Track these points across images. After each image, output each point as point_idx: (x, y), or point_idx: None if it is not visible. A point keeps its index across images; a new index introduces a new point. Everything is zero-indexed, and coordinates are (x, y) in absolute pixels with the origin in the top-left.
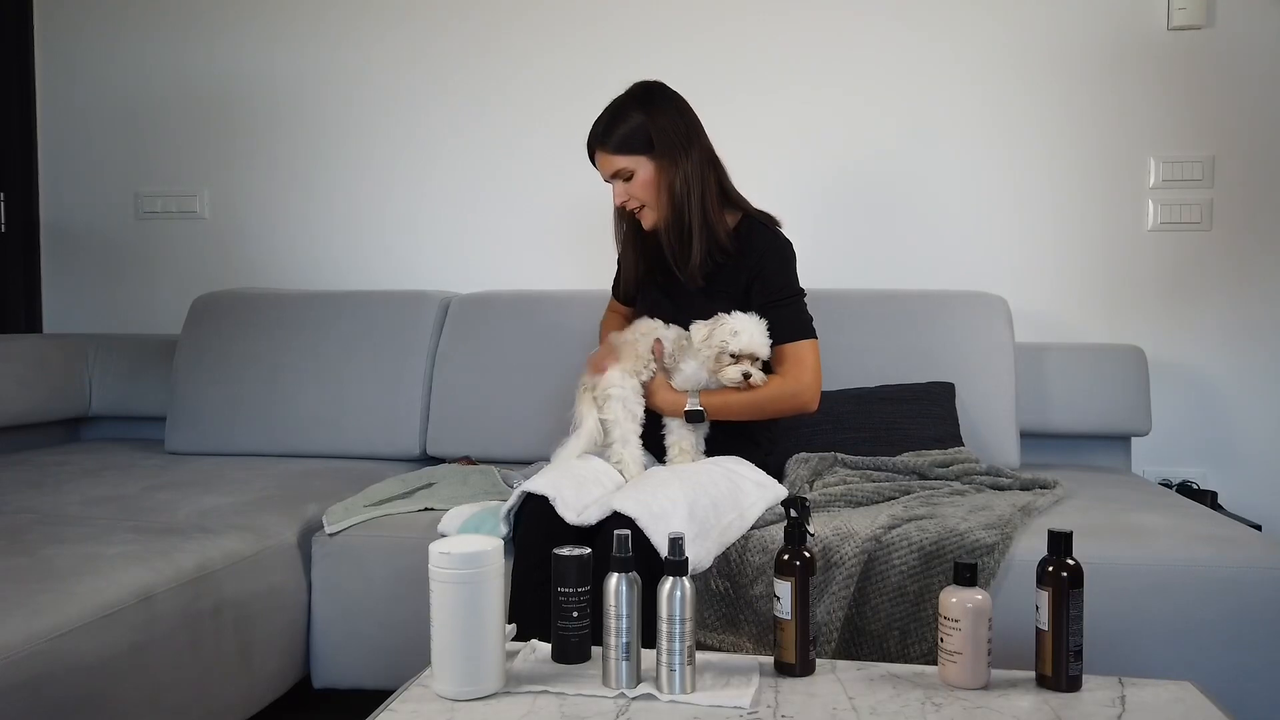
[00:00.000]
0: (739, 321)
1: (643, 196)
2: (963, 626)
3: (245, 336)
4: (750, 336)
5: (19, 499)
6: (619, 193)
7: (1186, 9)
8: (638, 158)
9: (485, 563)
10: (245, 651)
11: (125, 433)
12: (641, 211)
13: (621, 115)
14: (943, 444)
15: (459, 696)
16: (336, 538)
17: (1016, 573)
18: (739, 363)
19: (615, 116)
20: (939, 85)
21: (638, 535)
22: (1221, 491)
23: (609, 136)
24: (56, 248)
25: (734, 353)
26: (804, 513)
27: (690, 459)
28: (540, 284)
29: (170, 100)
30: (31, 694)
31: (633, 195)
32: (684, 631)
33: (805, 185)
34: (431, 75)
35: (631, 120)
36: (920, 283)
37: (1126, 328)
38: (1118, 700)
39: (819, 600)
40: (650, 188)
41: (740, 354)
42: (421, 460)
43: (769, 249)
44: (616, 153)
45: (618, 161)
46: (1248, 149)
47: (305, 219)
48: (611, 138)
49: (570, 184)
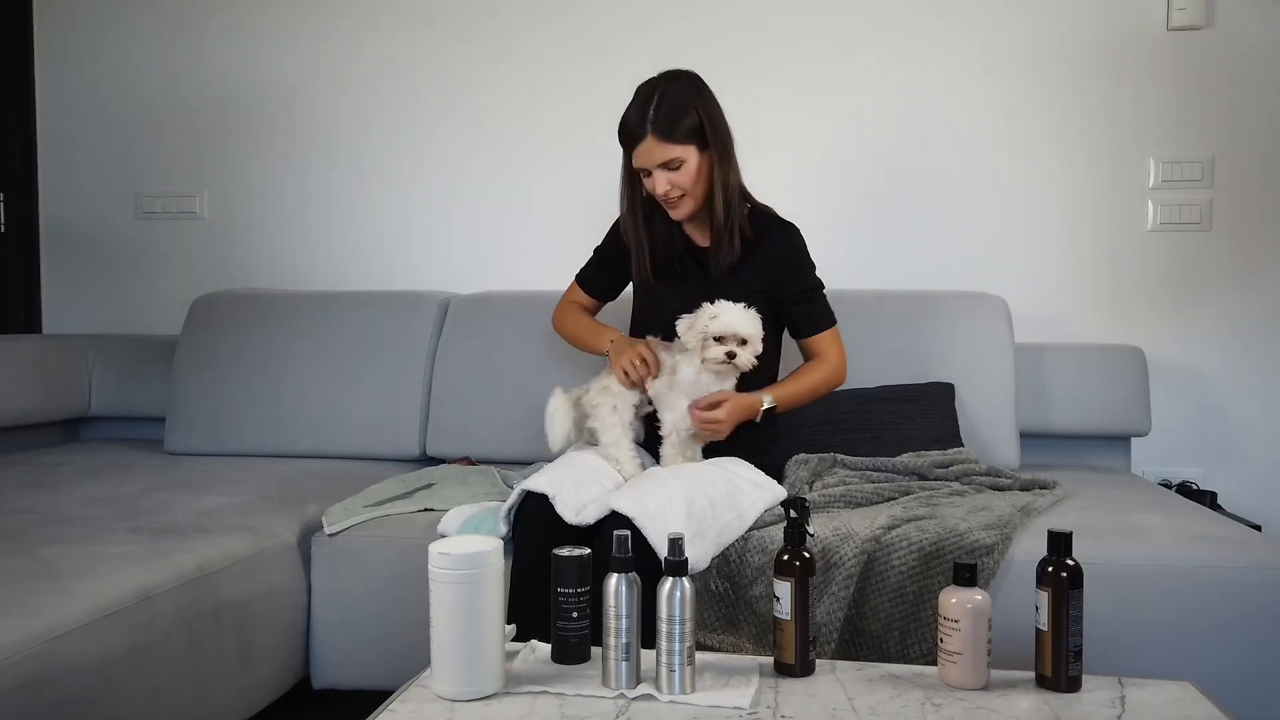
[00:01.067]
0: (718, 306)
1: (686, 186)
2: (962, 627)
3: (245, 336)
4: (730, 317)
5: (19, 499)
6: (662, 182)
7: (1186, 9)
8: (688, 147)
9: (485, 563)
10: (245, 652)
11: (125, 433)
12: (680, 200)
13: (678, 105)
14: (942, 444)
15: (459, 697)
16: (336, 538)
17: (1016, 573)
18: (723, 343)
19: (672, 105)
20: (938, 86)
21: (635, 534)
22: (1221, 492)
23: (666, 125)
24: (56, 248)
25: (716, 335)
26: (804, 513)
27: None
28: (540, 284)
29: (170, 100)
30: (31, 695)
31: (676, 184)
32: (684, 632)
33: (805, 186)
34: (431, 76)
35: (688, 110)
36: (920, 283)
37: (1126, 328)
38: (1117, 700)
39: (819, 601)
40: (695, 178)
41: (723, 336)
42: (421, 460)
43: (785, 243)
44: (671, 141)
45: (671, 150)
46: (1248, 149)
47: (305, 219)
48: (667, 126)
49: (570, 184)
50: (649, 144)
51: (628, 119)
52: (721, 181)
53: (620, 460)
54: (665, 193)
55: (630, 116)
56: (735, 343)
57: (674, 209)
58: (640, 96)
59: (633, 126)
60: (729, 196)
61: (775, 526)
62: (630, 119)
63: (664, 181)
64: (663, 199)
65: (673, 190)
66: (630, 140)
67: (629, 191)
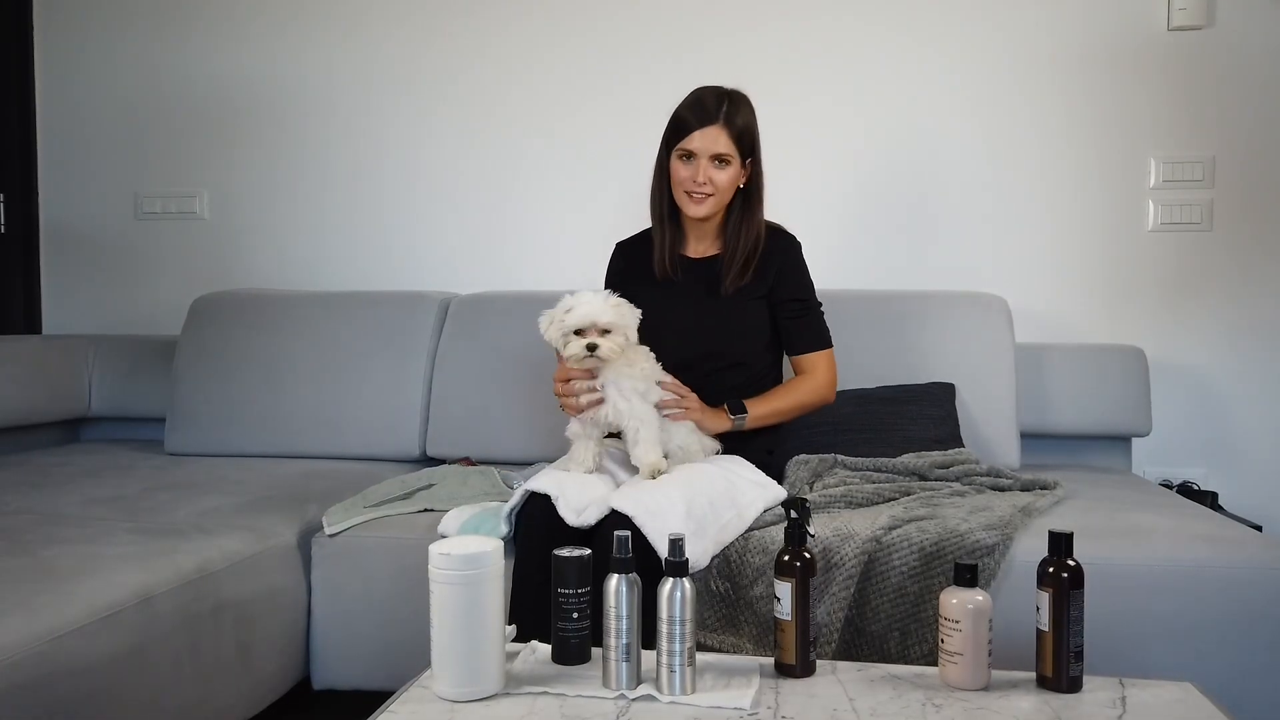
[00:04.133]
0: (574, 297)
1: (721, 186)
2: (963, 627)
3: (245, 336)
4: (585, 308)
5: (19, 499)
6: (703, 172)
7: (1186, 9)
8: (738, 153)
9: (485, 564)
10: (245, 652)
11: (125, 433)
12: (708, 198)
13: (748, 111)
14: (943, 445)
15: (459, 698)
16: (336, 538)
17: (1017, 573)
18: (583, 335)
19: (743, 109)
20: (939, 86)
21: (635, 534)
22: (1222, 492)
23: (736, 123)
24: (56, 248)
25: (576, 329)
26: (804, 514)
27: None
28: (540, 284)
29: (170, 100)
30: (31, 695)
31: (713, 181)
32: (684, 632)
33: (805, 186)
34: (431, 76)
35: (752, 123)
36: (920, 283)
37: (1127, 328)
38: (1118, 701)
39: (819, 601)
40: (729, 184)
41: (582, 329)
42: (421, 461)
43: (786, 254)
44: (733, 139)
45: (729, 146)
46: (1248, 149)
47: (305, 219)
48: (737, 124)
49: (570, 184)
50: (715, 130)
51: (704, 101)
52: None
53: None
54: (703, 183)
55: (708, 100)
56: (596, 333)
57: (699, 204)
58: (711, 90)
59: (710, 108)
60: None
61: (776, 527)
62: (708, 101)
63: (704, 173)
64: (699, 187)
65: (708, 185)
66: (701, 119)
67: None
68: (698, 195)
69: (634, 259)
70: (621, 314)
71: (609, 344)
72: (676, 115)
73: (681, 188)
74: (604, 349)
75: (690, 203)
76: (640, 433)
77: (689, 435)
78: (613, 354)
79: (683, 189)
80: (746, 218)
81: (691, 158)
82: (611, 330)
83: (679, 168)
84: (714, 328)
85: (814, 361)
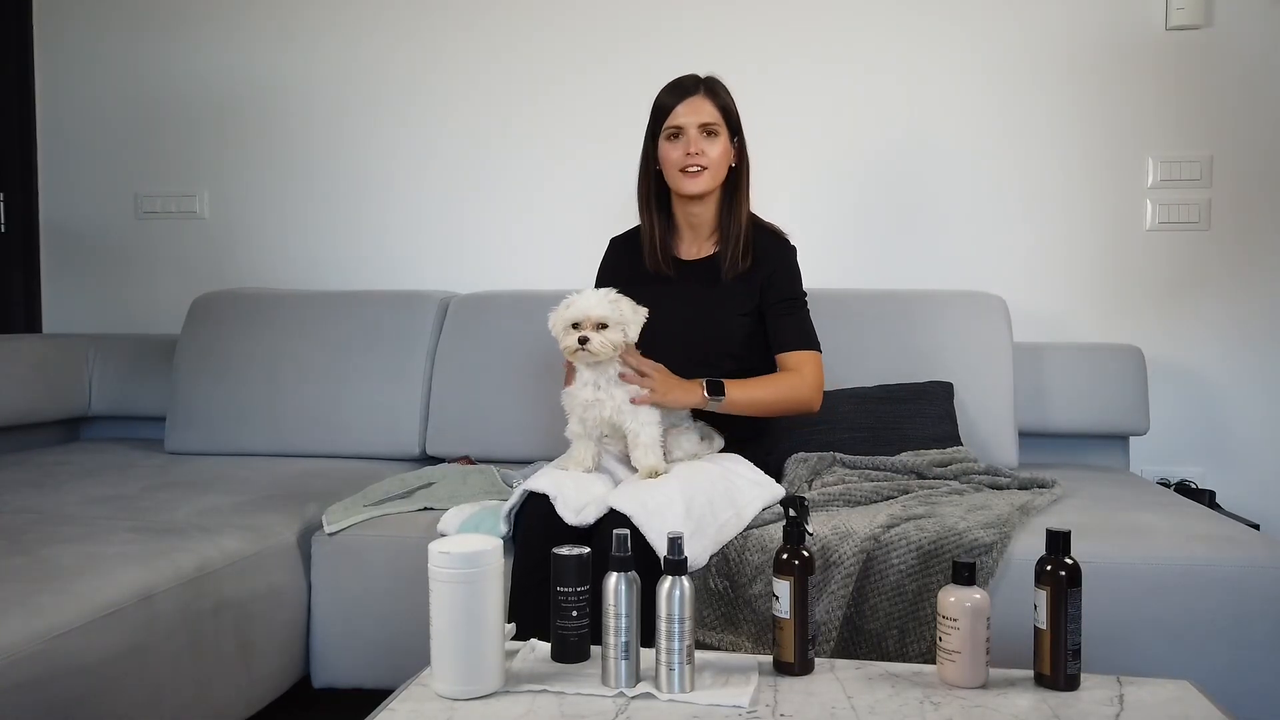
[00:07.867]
0: (574, 295)
1: (713, 158)
2: (961, 625)
3: (245, 336)
4: (582, 302)
5: (19, 499)
6: (694, 143)
7: (1185, 9)
8: (724, 125)
9: (485, 562)
10: (245, 651)
11: (125, 433)
12: (700, 174)
13: (723, 89)
14: (941, 443)
15: (458, 696)
16: (336, 537)
17: (1015, 572)
18: (578, 329)
19: (718, 86)
20: (937, 86)
21: (634, 532)
22: (1219, 491)
23: (717, 92)
24: (56, 248)
25: (573, 323)
26: (803, 512)
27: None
28: (540, 284)
29: (170, 100)
30: (31, 694)
31: (705, 153)
32: (683, 631)
33: (805, 186)
34: (431, 76)
35: (730, 100)
36: (919, 283)
37: (1125, 327)
38: (1116, 699)
39: (818, 599)
40: (720, 157)
41: (578, 323)
42: (421, 460)
43: (781, 262)
44: (717, 109)
45: (715, 115)
46: (1246, 149)
47: (305, 219)
48: (717, 92)
49: (570, 184)
50: (698, 100)
51: (681, 81)
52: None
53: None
54: (695, 154)
55: (684, 80)
56: (590, 327)
57: (695, 178)
58: (686, 75)
59: (688, 84)
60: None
61: (774, 525)
62: (685, 81)
63: (696, 143)
64: (693, 159)
65: (701, 156)
66: (679, 94)
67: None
68: (692, 169)
69: (628, 254)
70: (620, 310)
71: (600, 339)
72: (657, 102)
73: (675, 168)
74: (594, 344)
75: (686, 179)
76: (641, 435)
77: (698, 446)
78: (603, 349)
79: (676, 169)
80: (734, 207)
81: (680, 134)
82: (608, 326)
83: (669, 150)
84: (708, 324)
85: (799, 360)
